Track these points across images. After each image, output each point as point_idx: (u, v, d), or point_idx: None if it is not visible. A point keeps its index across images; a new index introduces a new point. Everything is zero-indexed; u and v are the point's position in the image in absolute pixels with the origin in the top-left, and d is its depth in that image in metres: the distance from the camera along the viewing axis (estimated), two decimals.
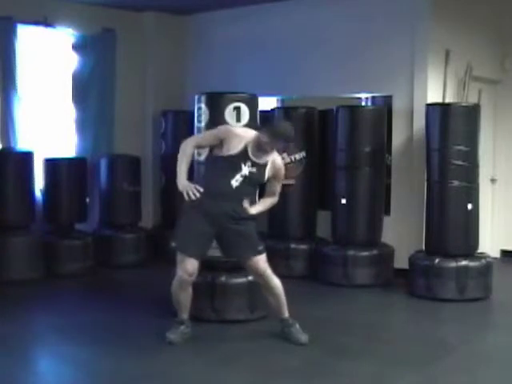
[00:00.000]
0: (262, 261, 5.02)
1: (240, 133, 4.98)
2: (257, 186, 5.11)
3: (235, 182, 4.89)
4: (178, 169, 4.92)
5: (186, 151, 4.94)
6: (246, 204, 4.98)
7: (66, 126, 8.02)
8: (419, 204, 6.86)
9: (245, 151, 4.89)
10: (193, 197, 4.85)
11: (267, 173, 5.00)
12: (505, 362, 4.81)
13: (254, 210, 5.06)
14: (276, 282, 5.06)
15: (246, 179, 4.91)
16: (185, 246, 4.94)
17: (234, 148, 4.87)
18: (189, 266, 4.92)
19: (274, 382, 4.39)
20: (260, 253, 5.02)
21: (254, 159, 4.91)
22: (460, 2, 7.31)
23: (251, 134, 4.97)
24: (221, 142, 4.93)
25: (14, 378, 4.38)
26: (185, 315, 5.07)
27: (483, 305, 6.30)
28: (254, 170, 4.92)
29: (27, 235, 7.14)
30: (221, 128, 5.10)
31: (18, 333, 5.28)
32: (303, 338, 4.98)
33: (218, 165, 4.96)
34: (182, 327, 5.03)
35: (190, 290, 5.03)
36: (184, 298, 5.03)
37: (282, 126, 5.05)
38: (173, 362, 4.67)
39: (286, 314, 5.10)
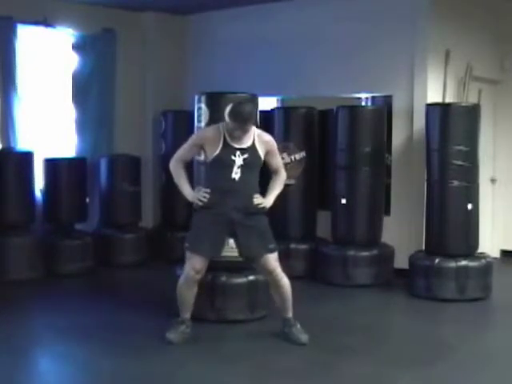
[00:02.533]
0: (272, 259, 5.01)
1: (211, 133, 4.99)
2: (257, 170, 5.06)
3: (235, 174, 4.90)
4: (179, 186, 5.07)
5: (177, 170, 5.08)
6: (258, 200, 4.97)
7: (65, 126, 8.02)
8: (419, 204, 6.86)
9: (226, 145, 4.90)
10: (205, 200, 4.92)
11: (260, 151, 4.97)
12: (505, 362, 4.81)
13: (270, 199, 5.06)
14: (285, 281, 5.05)
15: (245, 167, 4.91)
16: (195, 246, 5.00)
17: (216, 148, 4.90)
18: (197, 264, 4.96)
19: (274, 382, 4.39)
20: (271, 251, 5.01)
21: (239, 146, 4.91)
22: (460, 2, 7.31)
23: (221, 127, 4.97)
24: (202, 148, 5.01)
25: (14, 378, 4.38)
26: (187, 315, 5.08)
27: (483, 305, 6.30)
28: (247, 155, 4.91)
29: (27, 235, 7.14)
30: (193, 137, 5.15)
31: (18, 333, 5.28)
32: (303, 337, 4.98)
33: (213, 167, 4.99)
34: (183, 327, 5.03)
35: (195, 289, 5.05)
36: (188, 297, 5.05)
37: (239, 106, 4.89)
38: (173, 362, 4.67)
39: (290, 315, 5.10)
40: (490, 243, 7.96)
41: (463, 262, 6.31)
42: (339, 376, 4.46)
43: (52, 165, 7.48)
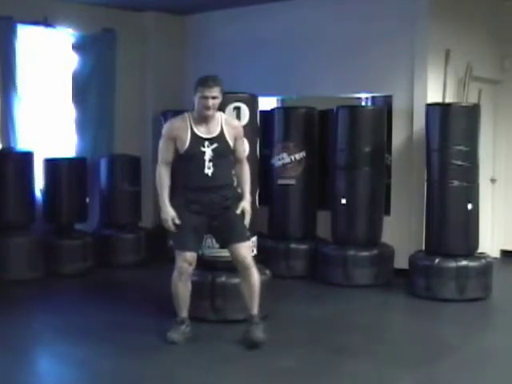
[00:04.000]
0: (244, 247, 4.99)
1: (178, 123, 4.97)
2: (230, 158, 5.04)
3: (208, 169, 4.88)
4: (160, 195, 5.02)
5: (161, 177, 5.02)
6: (246, 217, 4.99)
7: (66, 126, 8.02)
8: (419, 204, 6.87)
9: (194, 136, 4.88)
10: (172, 229, 4.93)
11: (229, 137, 4.95)
12: (505, 362, 4.81)
13: (247, 201, 5.03)
14: (254, 272, 4.99)
15: (216, 159, 4.88)
16: (180, 244, 4.98)
17: (185, 139, 4.88)
18: (187, 256, 4.94)
19: (274, 382, 4.39)
20: (244, 239, 4.99)
21: (207, 136, 4.89)
22: (460, 2, 7.31)
23: (187, 116, 4.97)
24: (175, 140, 4.97)
25: (14, 378, 4.38)
26: (184, 313, 5.06)
27: (483, 305, 6.30)
28: (216, 144, 4.89)
29: (27, 235, 7.15)
30: (163, 132, 5.07)
31: (18, 333, 5.28)
32: (259, 336, 4.85)
33: (185, 162, 4.95)
34: (183, 327, 5.03)
35: (189, 284, 5.03)
36: (183, 293, 5.02)
37: (203, 76, 4.97)
38: (173, 362, 4.67)
39: (255, 312, 5.00)
40: (490, 243, 7.97)
41: (463, 262, 6.31)
42: (339, 376, 4.46)
43: (52, 165, 7.48)
